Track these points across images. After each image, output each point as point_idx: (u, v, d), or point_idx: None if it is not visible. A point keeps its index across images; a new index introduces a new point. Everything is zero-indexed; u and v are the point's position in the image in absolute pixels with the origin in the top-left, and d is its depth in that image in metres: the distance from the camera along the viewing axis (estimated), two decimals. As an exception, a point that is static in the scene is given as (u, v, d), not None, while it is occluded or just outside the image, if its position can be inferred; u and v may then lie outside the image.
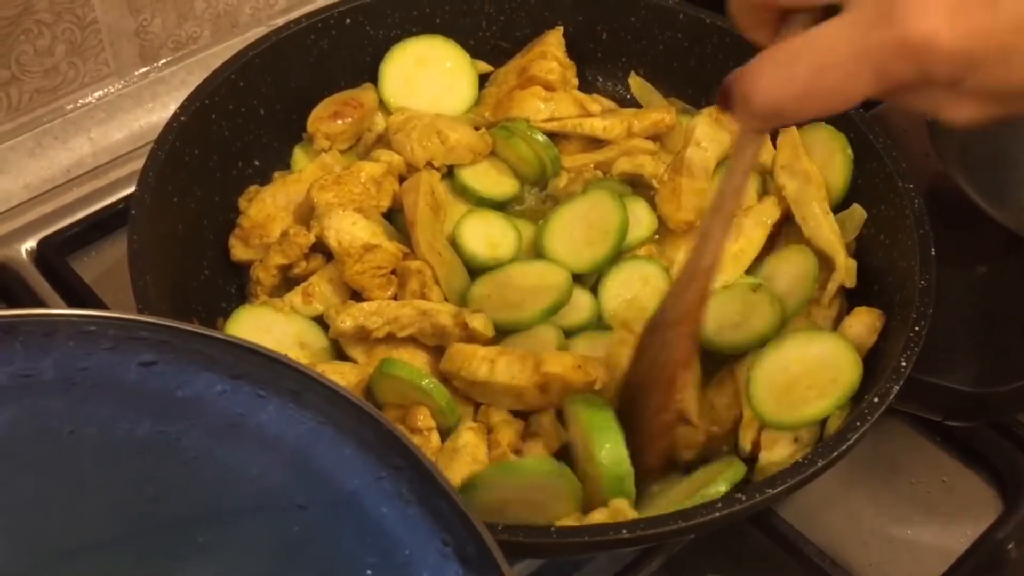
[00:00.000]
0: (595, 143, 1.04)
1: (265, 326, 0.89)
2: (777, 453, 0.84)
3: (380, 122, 1.05)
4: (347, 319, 0.87)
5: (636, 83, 1.10)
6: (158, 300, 0.81)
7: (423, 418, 0.83)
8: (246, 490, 0.59)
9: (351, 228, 0.91)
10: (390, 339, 0.88)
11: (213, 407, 0.61)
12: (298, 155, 1.04)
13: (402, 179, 1.00)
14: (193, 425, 0.60)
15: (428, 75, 1.06)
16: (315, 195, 0.94)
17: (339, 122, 1.03)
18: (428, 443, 0.83)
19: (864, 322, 0.88)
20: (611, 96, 1.10)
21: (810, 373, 0.84)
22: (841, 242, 0.93)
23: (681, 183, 0.94)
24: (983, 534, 0.91)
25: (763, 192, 0.99)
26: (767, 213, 0.95)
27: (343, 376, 0.86)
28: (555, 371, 0.83)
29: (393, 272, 0.93)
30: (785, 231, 0.97)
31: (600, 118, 1.03)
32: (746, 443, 0.85)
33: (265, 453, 0.60)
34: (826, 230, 0.93)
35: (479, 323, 0.86)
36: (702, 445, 0.86)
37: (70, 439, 0.60)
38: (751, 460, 0.85)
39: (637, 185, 1.01)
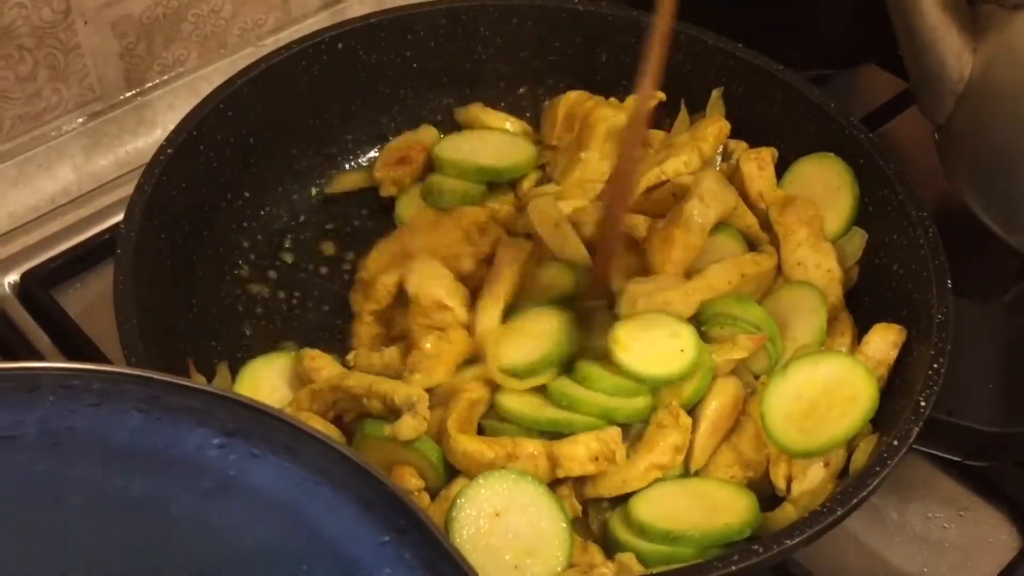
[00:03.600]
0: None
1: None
2: (809, 481, 0.82)
3: None
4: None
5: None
6: (146, 344, 0.78)
7: (411, 478, 0.80)
8: (241, 559, 0.56)
9: (431, 281, 0.89)
10: None
11: (206, 468, 0.58)
12: (401, 205, 1.03)
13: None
14: (185, 489, 0.57)
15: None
16: (407, 240, 0.93)
17: (407, 168, 1.03)
18: (419, 503, 0.79)
19: (884, 338, 0.86)
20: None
21: (826, 394, 0.83)
22: (838, 280, 0.92)
23: (675, 234, 0.90)
24: (1002, 572, 0.88)
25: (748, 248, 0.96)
26: (743, 266, 0.91)
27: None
28: (574, 472, 0.80)
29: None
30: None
31: (674, 158, 0.97)
32: (779, 480, 0.82)
33: (261, 518, 0.57)
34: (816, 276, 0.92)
35: (404, 428, 0.80)
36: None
37: (55, 506, 0.57)
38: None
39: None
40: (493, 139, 1.03)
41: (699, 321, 0.88)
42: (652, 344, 0.83)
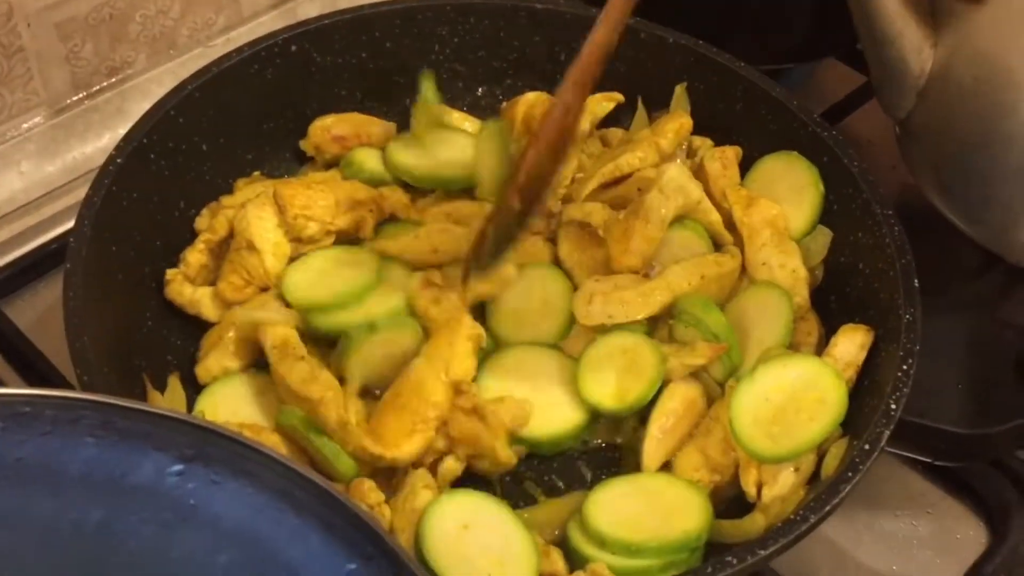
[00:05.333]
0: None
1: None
2: (780, 486, 0.81)
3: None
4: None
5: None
6: (98, 362, 0.76)
7: (371, 493, 0.78)
8: (204, 593, 0.54)
9: (255, 222, 0.90)
10: None
11: (165, 497, 0.56)
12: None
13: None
14: (144, 521, 0.55)
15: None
16: (278, 188, 0.92)
17: (337, 146, 1.01)
18: (382, 517, 0.78)
19: (851, 339, 0.86)
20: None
21: (795, 398, 0.82)
22: (804, 280, 0.91)
23: (635, 226, 0.90)
24: (971, 568, 0.88)
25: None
26: (704, 267, 0.90)
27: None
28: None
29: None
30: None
31: (629, 153, 0.96)
32: (749, 487, 0.81)
33: (223, 549, 0.55)
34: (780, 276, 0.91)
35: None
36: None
37: (6, 542, 0.54)
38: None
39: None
40: (447, 142, 1.01)
41: (670, 315, 0.88)
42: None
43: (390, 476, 0.82)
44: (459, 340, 0.84)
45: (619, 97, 1.03)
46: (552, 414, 0.85)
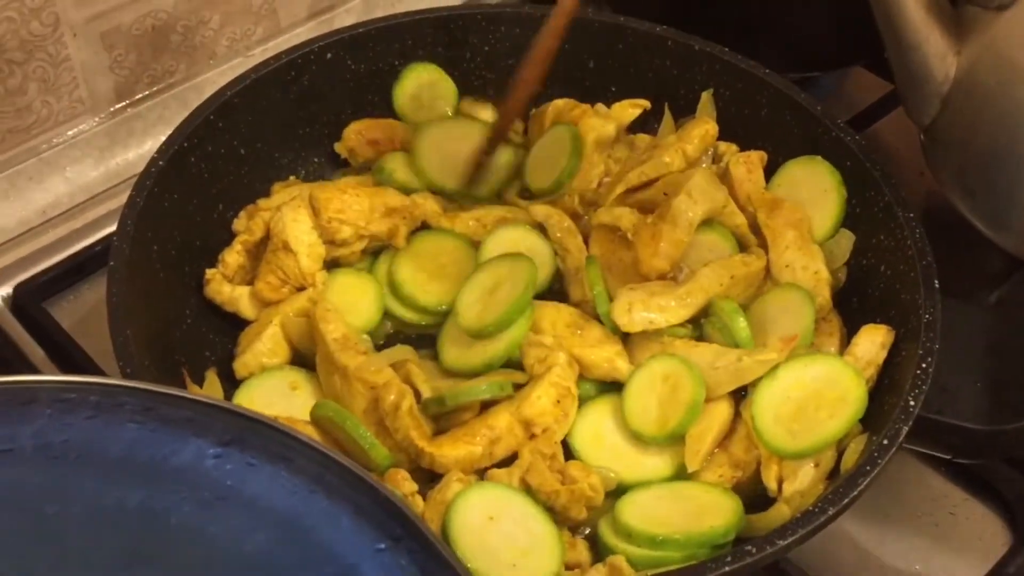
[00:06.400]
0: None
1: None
2: (800, 481, 0.82)
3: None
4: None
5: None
6: (140, 355, 0.79)
7: (404, 482, 0.81)
8: (239, 568, 0.57)
9: (292, 224, 0.93)
10: None
11: (203, 478, 0.58)
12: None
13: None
14: (183, 499, 0.57)
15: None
16: (314, 192, 0.94)
17: (370, 150, 1.04)
18: (414, 508, 0.80)
19: (872, 339, 0.87)
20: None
21: (815, 396, 0.83)
22: (826, 282, 0.92)
23: (663, 229, 0.92)
24: (994, 568, 0.89)
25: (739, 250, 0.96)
26: (733, 268, 0.92)
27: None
28: (548, 424, 0.84)
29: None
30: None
31: (656, 158, 0.98)
32: (771, 482, 0.83)
33: (258, 527, 0.57)
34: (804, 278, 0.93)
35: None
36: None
37: (53, 519, 0.57)
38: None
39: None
40: (475, 141, 1.03)
41: (704, 314, 0.90)
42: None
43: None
44: (542, 384, 0.85)
45: (646, 103, 1.04)
46: (640, 463, 0.86)
